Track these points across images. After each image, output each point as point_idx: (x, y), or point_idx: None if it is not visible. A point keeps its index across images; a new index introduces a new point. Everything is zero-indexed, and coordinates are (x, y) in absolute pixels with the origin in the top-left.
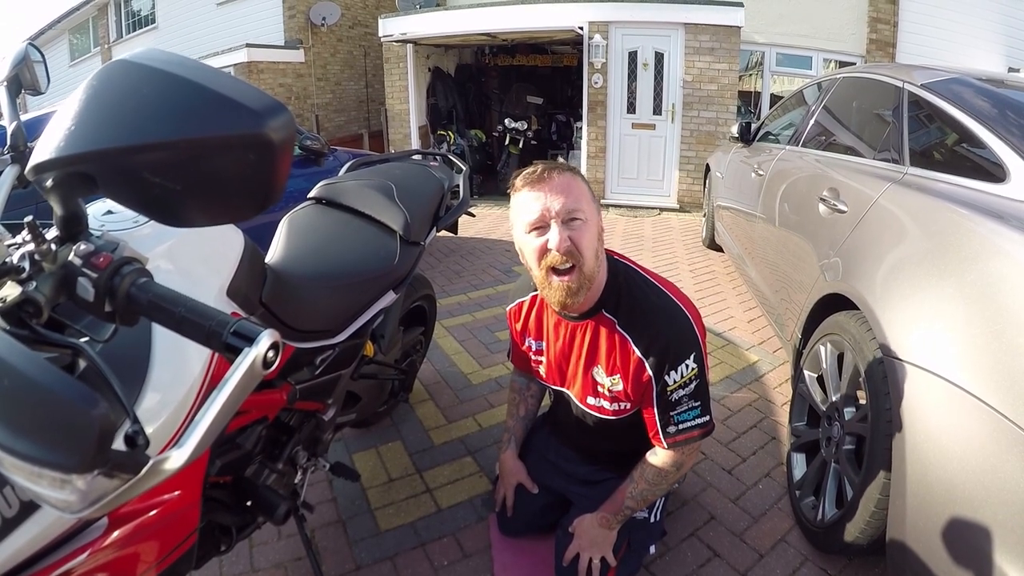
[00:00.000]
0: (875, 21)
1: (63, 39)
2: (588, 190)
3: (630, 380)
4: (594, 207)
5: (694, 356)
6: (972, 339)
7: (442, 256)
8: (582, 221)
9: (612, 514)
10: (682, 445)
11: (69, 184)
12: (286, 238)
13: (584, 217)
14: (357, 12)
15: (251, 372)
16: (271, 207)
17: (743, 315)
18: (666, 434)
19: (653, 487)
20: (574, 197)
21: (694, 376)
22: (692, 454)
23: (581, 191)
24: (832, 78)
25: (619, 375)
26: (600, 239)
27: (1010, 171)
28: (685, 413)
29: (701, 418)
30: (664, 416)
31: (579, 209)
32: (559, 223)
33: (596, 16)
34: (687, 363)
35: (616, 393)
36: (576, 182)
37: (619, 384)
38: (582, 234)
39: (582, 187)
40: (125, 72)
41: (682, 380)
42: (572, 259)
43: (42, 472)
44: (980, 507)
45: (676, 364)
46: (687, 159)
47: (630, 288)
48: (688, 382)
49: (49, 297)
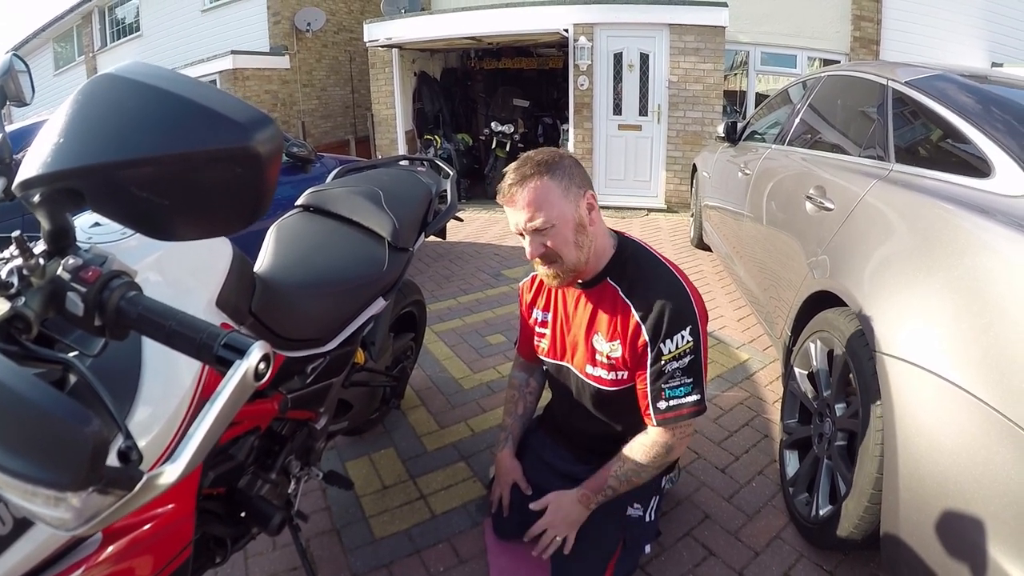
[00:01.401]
0: (859, 19)
1: (47, 48)
2: (557, 186)
3: (627, 345)
4: (568, 202)
5: (690, 329)
6: (960, 333)
7: (431, 261)
8: (552, 227)
9: (593, 492)
10: (672, 423)
11: (57, 200)
12: (274, 246)
13: (551, 223)
14: (342, 17)
15: (243, 384)
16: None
17: (733, 314)
18: (656, 409)
19: (639, 468)
20: (539, 209)
21: (689, 350)
22: (683, 440)
23: (545, 197)
24: (817, 76)
25: (618, 340)
26: (580, 228)
27: (994, 166)
28: (677, 388)
29: (692, 395)
30: (655, 387)
31: (546, 220)
32: (529, 234)
33: (581, 18)
34: (683, 334)
35: (614, 360)
36: (540, 188)
37: (617, 350)
38: (555, 238)
39: (547, 191)
40: (111, 86)
41: (677, 351)
42: (549, 259)
43: (36, 490)
44: (972, 500)
45: (672, 333)
46: (674, 159)
47: (636, 260)
48: (682, 355)
49: (38, 312)
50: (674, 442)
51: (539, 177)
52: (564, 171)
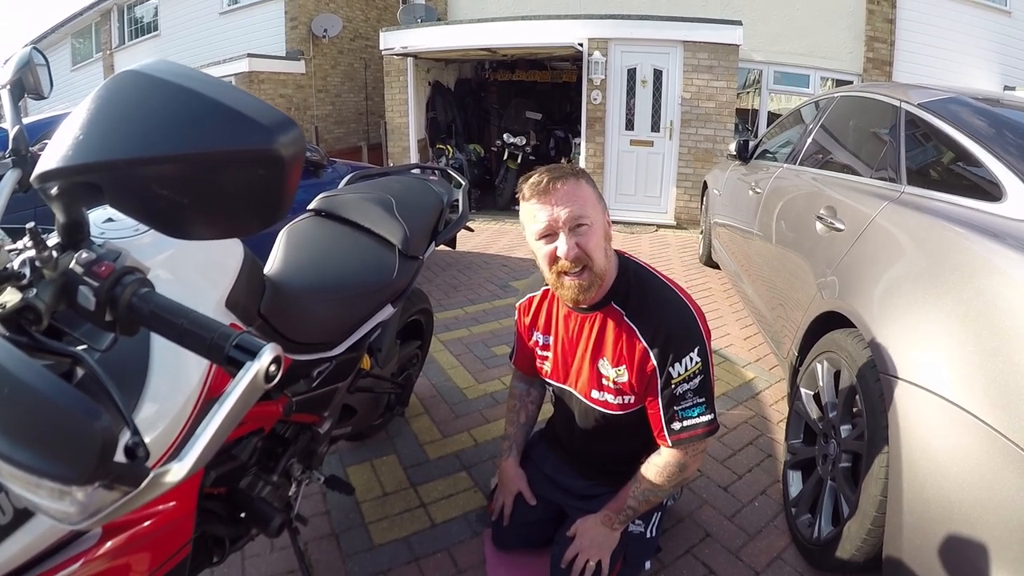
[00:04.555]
0: (872, 40)
1: (66, 43)
2: (593, 192)
3: (635, 371)
4: (599, 208)
5: (698, 350)
6: (968, 357)
7: (439, 270)
8: (588, 226)
9: (615, 513)
10: (686, 444)
11: (74, 193)
12: (285, 250)
13: (590, 222)
14: (358, 25)
15: (253, 386)
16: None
17: (739, 332)
18: (671, 431)
19: (656, 488)
20: (579, 204)
21: (698, 371)
22: (697, 457)
23: (586, 196)
24: (830, 97)
25: (624, 366)
26: (607, 237)
27: (1006, 190)
28: (690, 409)
29: (705, 415)
30: (669, 411)
31: (584, 215)
32: (566, 231)
33: (596, 33)
34: (691, 356)
35: (621, 385)
36: (580, 187)
37: (624, 375)
38: (589, 239)
39: (587, 191)
40: (135, 83)
41: (687, 373)
42: (581, 262)
43: (41, 482)
44: (976, 524)
45: (680, 356)
46: (685, 176)
47: (639, 282)
48: (692, 376)
49: (49, 304)
50: (687, 460)
51: (577, 178)
52: (593, 182)
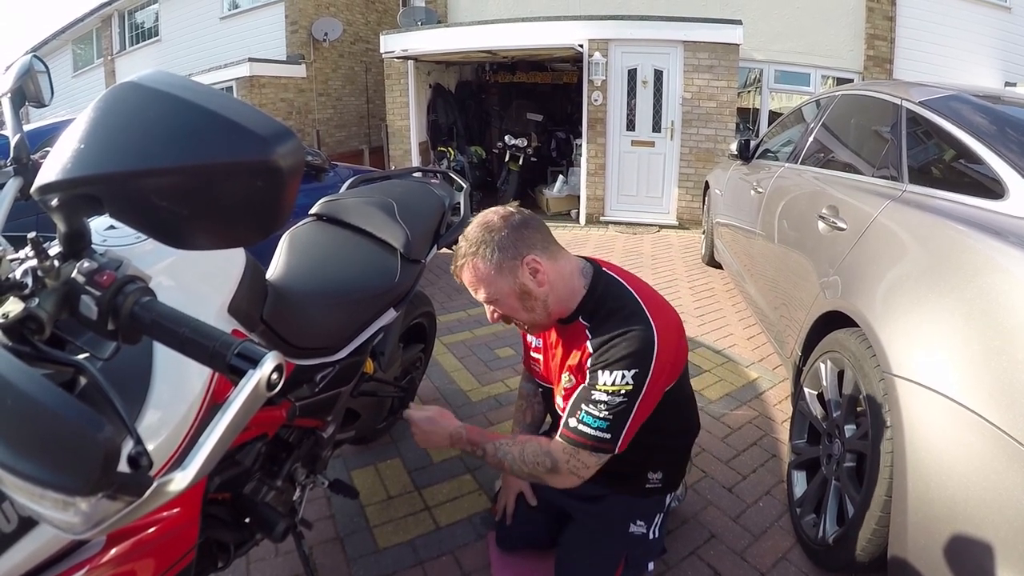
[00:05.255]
0: (872, 38)
1: (66, 50)
2: (487, 267)
3: (580, 378)
4: (503, 274)
5: (635, 374)
6: (972, 356)
7: (442, 273)
8: (496, 300)
9: (467, 439)
10: (570, 445)
11: (74, 205)
12: (287, 255)
13: (494, 296)
14: (359, 28)
15: (255, 394)
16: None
17: (743, 332)
18: (565, 423)
19: (518, 462)
20: (476, 285)
21: (624, 393)
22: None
23: (480, 276)
24: (830, 95)
25: (575, 377)
26: (523, 294)
27: (1008, 187)
28: (594, 418)
29: (604, 433)
30: (575, 404)
31: (486, 295)
32: (484, 303)
33: (596, 34)
34: (623, 373)
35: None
36: (473, 268)
37: (572, 382)
38: (502, 307)
39: (479, 272)
40: (133, 95)
41: (611, 387)
42: (507, 320)
43: (45, 493)
44: (981, 524)
45: (612, 367)
46: (686, 176)
47: (608, 299)
48: (615, 393)
49: (51, 314)
50: (563, 467)
51: (471, 259)
52: (493, 247)
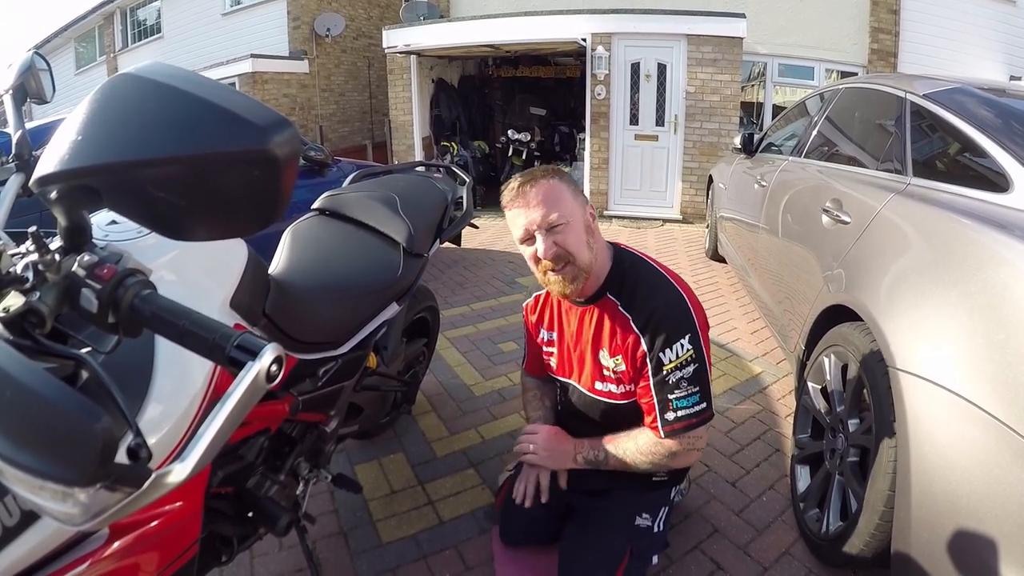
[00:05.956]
0: (876, 31)
1: (69, 47)
2: (568, 188)
3: (629, 359)
4: (577, 204)
5: (689, 337)
6: (976, 350)
7: (445, 267)
8: (564, 224)
9: (587, 449)
10: (680, 434)
11: (73, 197)
12: (289, 249)
13: (566, 220)
14: (361, 23)
15: (254, 386)
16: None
17: (746, 326)
18: (664, 421)
19: (637, 455)
20: (552, 204)
21: (690, 359)
22: (691, 450)
23: (559, 195)
24: (834, 89)
25: (620, 355)
26: (589, 230)
27: (1013, 181)
28: (684, 399)
29: (699, 405)
30: (662, 398)
31: (559, 215)
32: (543, 233)
33: (599, 28)
34: (682, 343)
35: (620, 375)
36: (552, 187)
37: (621, 364)
38: (567, 236)
39: (559, 190)
40: (131, 86)
41: (678, 361)
42: (563, 260)
43: (44, 485)
44: (985, 519)
45: (670, 342)
46: (690, 170)
47: (634, 272)
48: (685, 364)
49: (52, 308)
50: (680, 450)
51: (550, 178)
52: (570, 178)
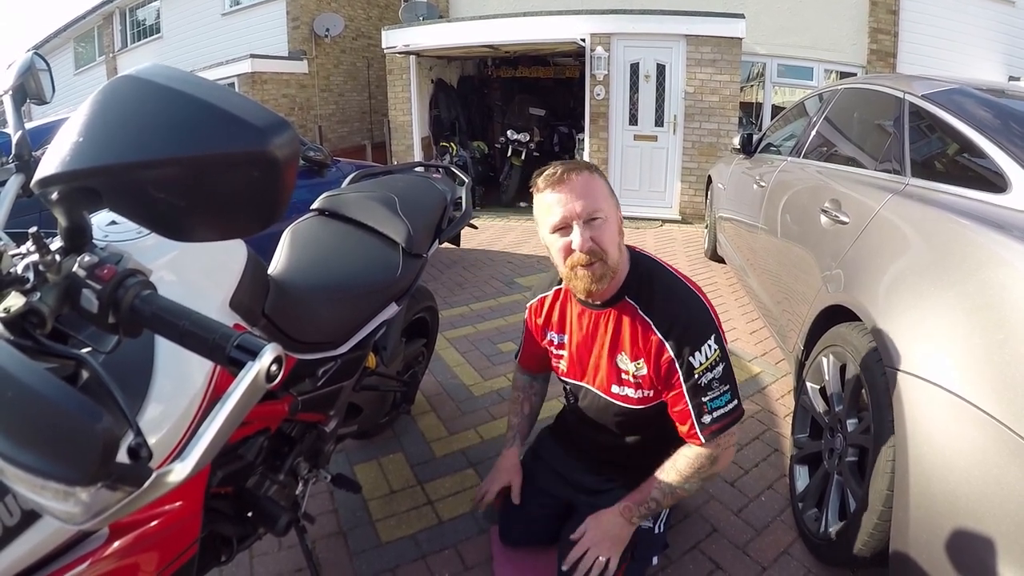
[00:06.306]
0: (876, 32)
1: (68, 48)
2: (606, 186)
3: (652, 364)
4: (612, 202)
5: (714, 338)
6: (974, 350)
7: (444, 268)
8: (602, 219)
9: (636, 504)
10: (718, 435)
11: (74, 198)
12: (289, 250)
13: (604, 215)
14: (360, 24)
15: (254, 386)
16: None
17: (745, 326)
18: (702, 425)
19: (685, 480)
20: (593, 197)
21: (718, 358)
22: (728, 450)
23: (599, 190)
24: (833, 89)
25: (643, 359)
26: (620, 231)
27: (1011, 181)
28: (718, 399)
29: (732, 403)
30: (697, 403)
31: (598, 208)
32: (580, 224)
33: (598, 28)
34: (709, 344)
35: (640, 379)
36: (594, 180)
37: (643, 368)
38: (603, 232)
39: (600, 185)
40: (131, 88)
41: (708, 362)
42: (596, 256)
43: (45, 484)
44: (983, 518)
45: (698, 345)
46: (689, 170)
47: (651, 276)
48: (714, 364)
49: (53, 308)
50: (719, 453)
51: (591, 171)
52: (605, 177)
